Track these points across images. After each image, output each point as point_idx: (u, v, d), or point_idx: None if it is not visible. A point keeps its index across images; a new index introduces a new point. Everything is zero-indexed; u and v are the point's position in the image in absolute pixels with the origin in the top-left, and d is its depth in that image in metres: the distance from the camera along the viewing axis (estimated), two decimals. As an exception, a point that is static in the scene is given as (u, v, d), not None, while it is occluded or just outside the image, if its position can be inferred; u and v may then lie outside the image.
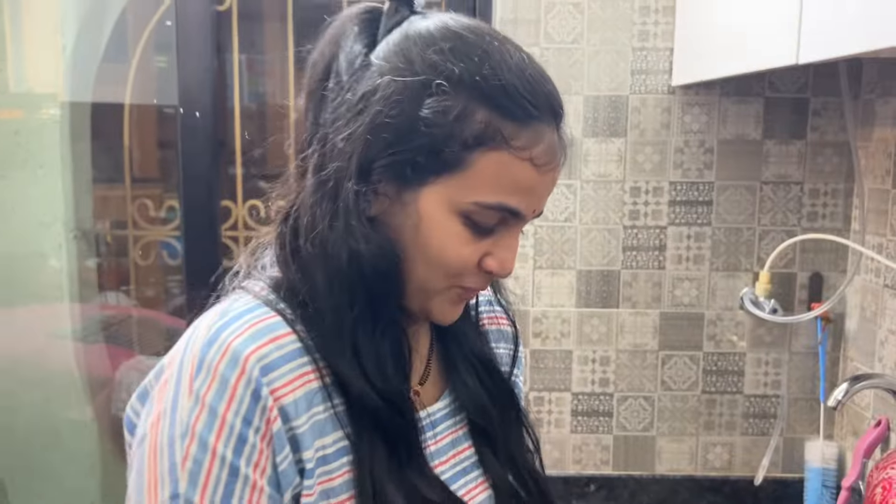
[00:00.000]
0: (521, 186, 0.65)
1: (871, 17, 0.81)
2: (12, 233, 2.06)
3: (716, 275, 1.53)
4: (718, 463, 1.58)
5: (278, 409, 0.61)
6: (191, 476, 0.59)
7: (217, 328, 0.62)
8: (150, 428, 0.61)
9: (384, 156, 0.64)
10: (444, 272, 0.66)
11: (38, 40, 2.16)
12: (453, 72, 0.63)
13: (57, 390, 2.14)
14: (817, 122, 1.49)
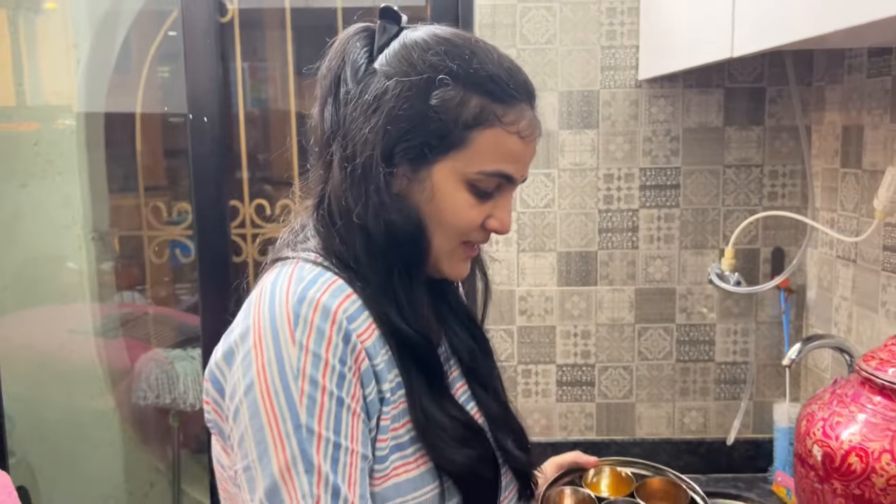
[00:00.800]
0: (513, 155, 0.80)
1: (788, 15, 0.94)
2: (35, 237, 2.19)
3: (685, 252, 1.66)
4: (694, 426, 1.71)
5: (364, 351, 0.75)
6: (308, 409, 0.71)
7: (302, 289, 0.74)
8: (257, 376, 0.72)
9: (402, 142, 0.79)
10: (456, 233, 0.82)
11: (52, 56, 2.29)
12: (451, 69, 0.79)
13: (80, 382, 2.28)
14: (773, 109, 1.62)
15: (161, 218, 2.25)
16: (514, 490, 0.91)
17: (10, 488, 1.54)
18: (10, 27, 2.31)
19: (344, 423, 0.72)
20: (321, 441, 0.70)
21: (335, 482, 0.70)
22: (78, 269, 2.27)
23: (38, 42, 2.33)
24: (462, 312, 0.95)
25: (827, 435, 0.92)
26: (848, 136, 1.47)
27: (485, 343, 0.96)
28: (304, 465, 0.69)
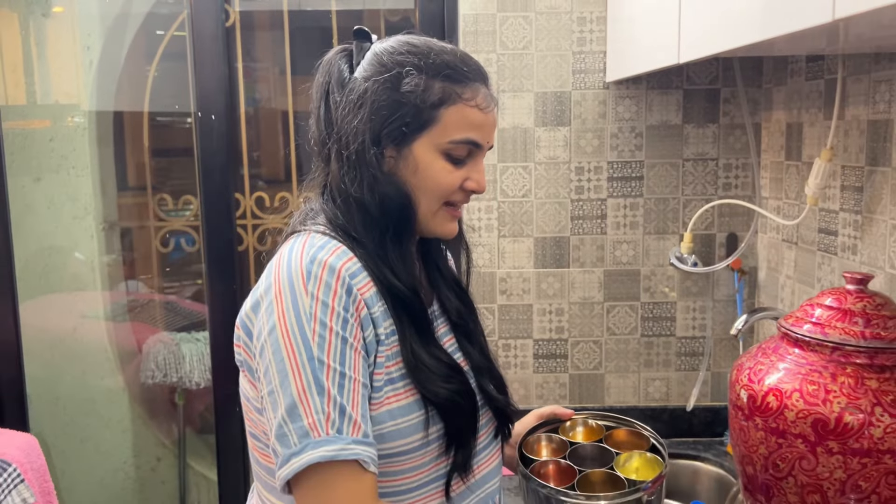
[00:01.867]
0: (475, 124, 0.98)
1: (718, 29, 1.12)
2: (50, 228, 2.34)
3: (648, 237, 1.84)
4: (657, 395, 1.89)
5: (363, 301, 0.92)
6: (319, 345, 0.88)
7: (313, 252, 0.92)
8: (278, 321, 0.89)
9: (385, 127, 0.96)
10: (438, 196, 0.99)
11: (61, 57, 2.43)
12: (414, 62, 0.97)
13: (92, 363, 2.43)
14: (727, 108, 1.80)
15: (167, 209, 2.41)
16: (492, 427, 1.08)
17: (38, 450, 1.70)
18: (22, 30, 2.45)
19: (348, 357, 0.89)
20: (330, 370, 0.87)
21: (341, 402, 0.87)
22: (89, 258, 2.42)
23: (48, 44, 2.47)
24: (451, 279, 1.12)
25: (751, 380, 1.10)
26: (791, 132, 1.66)
27: (470, 305, 1.13)
28: (316, 389, 0.86)
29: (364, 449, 0.87)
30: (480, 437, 1.05)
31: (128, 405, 2.46)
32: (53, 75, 2.47)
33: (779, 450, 1.04)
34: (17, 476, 1.57)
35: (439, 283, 1.11)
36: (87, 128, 2.38)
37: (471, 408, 1.00)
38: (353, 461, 0.86)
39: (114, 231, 2.46)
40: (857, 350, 1.03)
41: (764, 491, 1.09)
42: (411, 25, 2.24)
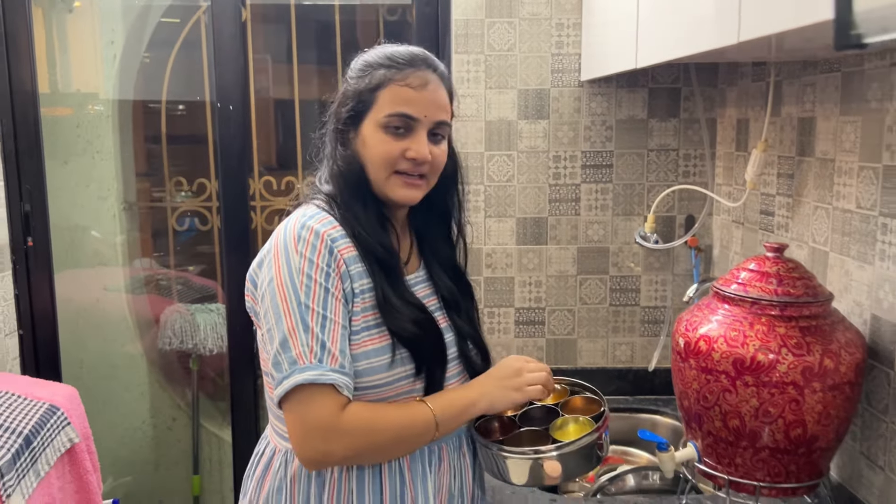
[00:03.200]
0: (407, 100, 1.17)
1: (666, 42, 1.36)
2: (76, 207, 2.56)
3: (616, 218, 2.08)
4: (623, 357, 2.14)
5: (343, 260, 1.14)
6: (306, 293, 1.10)
7: (304, 221, 1.15)
8: (276, 274, 1.12)
9: (346, 115, 1.19)
10: (382, 164, 1.17)
11: (81, 49, 2.64)
12: (369, 61, 1.20)
13: (113, 332, 2.65)
14: (687, 105, 2.04)
15: (183, 190, 2.63)
16: (463, 379, 1.26)
17: (78, 399, 1.93)
18: (46, 24, 2.65)
19: (329, 304, 1.11)
20: (314, 314, 1.10)
21: (322, 339, 1.09)
22: (111, 235, 2.64)
23: (69, 37, 2.67)
24: (447, 263, 1.32)
25: (687, 330, 1.34)
26: (740, 126, 1.90)
27: (466, 287, 1.33)
28: (303, 327, 1.09)
29: (339, 376, 1.09)
30: (449, 384, 1.23)
31: (146, 370, 2.69)
32: (74, 66, 2.67)
33: (707, 385, 1.29)
34: (64, 419, 1.80)
35: (431, 261, 1.30)
36: (110, 115, 2.60)
37: (437, 344, 1.20)
38: (329, 385, 1.08)
39: (132, 211, 2.68)
40: (771, 304, 1.27)
41: (697, 419, 1.33)
42: (408, 23, 2.47)
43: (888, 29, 0.51)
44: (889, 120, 1.28)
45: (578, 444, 1.16)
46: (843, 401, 1.25)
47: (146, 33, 2.62)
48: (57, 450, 1.74)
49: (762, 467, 1.28)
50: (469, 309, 1.32)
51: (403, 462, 1.21)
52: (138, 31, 2.62)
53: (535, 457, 1.16)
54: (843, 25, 0.53)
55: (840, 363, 1.23)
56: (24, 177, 2.18)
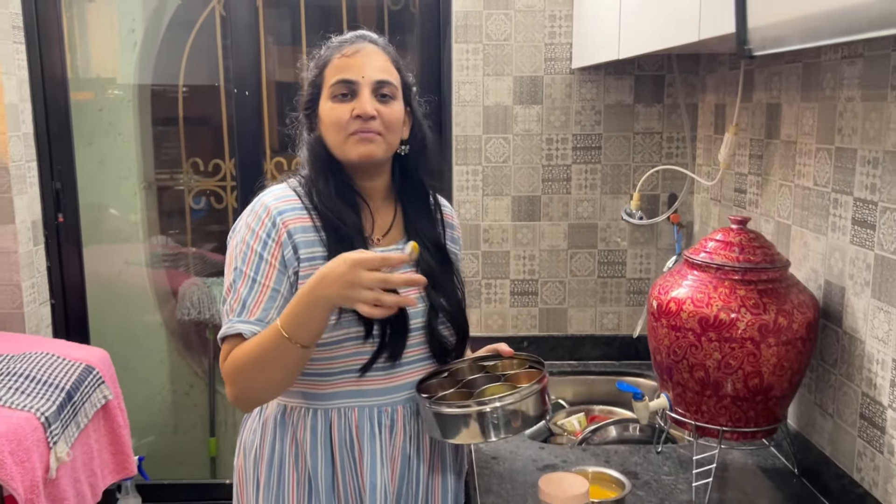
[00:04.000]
0: (343, 67, 1.32)
1: (641, 36, 1.52)
2: (100, 186, 2.72)
3: (604, 196, 2.25)
4: (610, 325, 2.31)
5: (287, 230, 1.28)
6: (242, 259, 1.27)
7: (261, 196, 1.33)
8: (231, 241, 1.31)
9: (308, 98, 1.36)
10: (336, 128, 1.31)
11: (99, 36, 2.77)
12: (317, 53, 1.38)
13: (134, 303, 2.82)
14: (670, 91, 2.20)
15: (199, 170, 2.79)
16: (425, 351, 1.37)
17: (109, 361, 2.11)
18: (67, 12, 2.80)
19: (261, 269, 1.26)
20: (245, 277, 1.27)
21: (244, 298, 1.25)
22: (132, 213, 2.80)
23: (89, 24, 2.82)
24: (431, 241, 1.40)
25: (660, 293, 1.51)
26: (717, 111, 2.06)
27: (447, 263, 1.41)
28: (233, 288, 1.27)
29: (245, 326, 1.23)
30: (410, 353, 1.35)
31: (165, 339, 2.87)
32: (93, 52, 2.82)
33: (676, 341, 1.46)
34: (99, 378, 1.98)
35: (413, 237, 1.38)
36: (131, 100, 2.75)
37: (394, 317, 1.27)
38: (236, 335, 1.24)
39: (151, 190, 2.84)
40: (733, 269, 1.44)
41: (668, 372, 1.51)
42: (411, 13, 2.62)
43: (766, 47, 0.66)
44: (840, 106, 1.44)
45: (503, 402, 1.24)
46: (796, 354, 1.42)
47: (164, 22, 2.77)
48: (94, 405, 1.92)
49: (725, 413, 1.45)
50: (447, 284, 1.40)
51: (351, 417, 1.33)
52: (157, 20, 2.76)
53: (460, 412, 1.24)
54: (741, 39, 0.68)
55: (793, 321, 1.40)
56: (55, 157, 2.35)
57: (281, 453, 1.35)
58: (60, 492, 1.71)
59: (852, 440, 1.41)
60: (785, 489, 1.54)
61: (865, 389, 1.37)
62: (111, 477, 1.99)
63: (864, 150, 1.36)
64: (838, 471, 1.44)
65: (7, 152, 2.15)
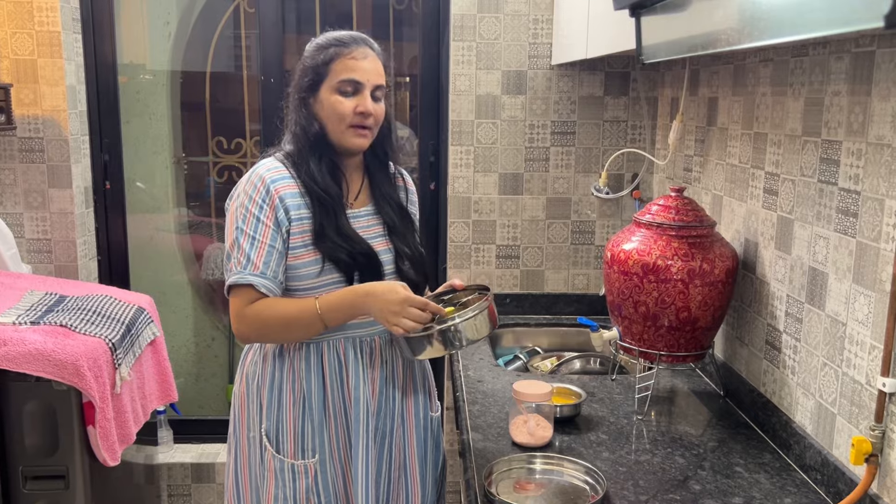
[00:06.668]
0: (352, 68, 1.57)
1: (613, 35, 1.89)
2: (136, 161, 3.07)
3: (577, 175, 2.63)
4: (580, 285, 2.69)
5: (278, 196, 1.54)
6: (242, 220, 1.53)
7: (256, 168, 1.58)
8: (230, 207, 1.57)
9: (306, 85, 1.58)
10: (339, 119, 1.56)
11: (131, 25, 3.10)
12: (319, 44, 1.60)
13: (163, 264, 3.18)
14: (634, 86, 2.59)
15: (223, 148, 3.14)
16: None
17: (154, 306, 2.48)
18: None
19: (259, 229, 1.53)
20: (245, 236, 1.55)
21: (248, 253, 1.54)
22: (163, 185, 3.15)
23: (122, 14, 3.15)
24: (392, 201, 1.70)
25: (614, 246, 1.89)
26: (673, 103, 2.44)
27: (407, 218, 1.72)
28: (236, 245, 1.56)
29: (256, 279, 1.51)
30: None
31: (191, 297, 3.23)
32: (125, 40, 3.14)
33: (624, 283, 1.84)
34: (149, 317, 2.34)
35: (378, 198, 1.69)
36: (164, 84, 3.11)
37: (369, 264, 1.59)
38: (248, 285, 1.52)
39: (180, 165, 3.20)
40: (670, 227, 1.82)
41: (618, 309, 1.89)
42: (413, 13, 2.99)
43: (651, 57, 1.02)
44: (757, 100, 1.83)
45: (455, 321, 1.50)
46: (717, 294, 1.80)
47: (194, 15, 3.12)
48: (145, 339, 2.29)
49: (662, 341, 1.84)
50: (408, 234, 1.71)
51: (339, 348, 1.62)
52: (188, 14, 3.11)
53: (424, 333, 1.51)
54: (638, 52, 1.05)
55: (715, 267, 1.78)
56: (104, 132, 2.71)
57: (280, 380, 1.63)
58: (122, 405, 2.08)
59: (759, 362, 1.81)
60: (711, 405, 1.93)
61: (769, 321, 1.76)
62: (157, 401, 2.36)
63: (772, 134, 1.75)
64: (750, 388, 1.83)
65: (67, 127, 2.51)
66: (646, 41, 1.04)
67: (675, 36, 0.95)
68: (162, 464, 2.79)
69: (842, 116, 1.44)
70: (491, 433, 1.73)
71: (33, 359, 1.87)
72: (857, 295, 1.39)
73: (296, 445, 1.63)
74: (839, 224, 1.45)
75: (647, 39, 1.04)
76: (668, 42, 0.99)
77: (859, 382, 1.39)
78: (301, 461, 1.63)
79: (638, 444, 1.69)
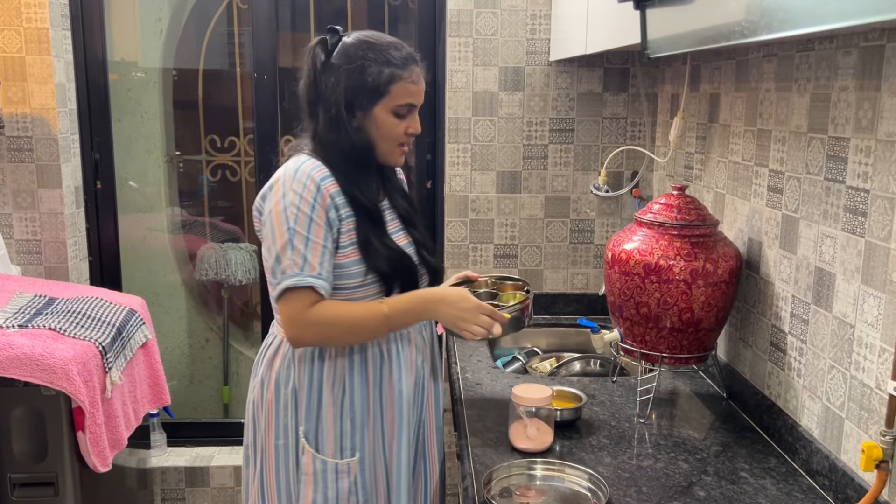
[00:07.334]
0: (411, 92, 1.56)
1: (614, 29, 1.85)
2: (128, 160, 3.02)
3: (576, 173, 2.59)
4: (580, 285, 2.66)
5: (329, 195, 1.54)
6: (294, 220, 1.49)
7: (300, 166, 1.51)
8: (274, 206, 1.49)
9: (355, 99, 1.53)
10: (393, 140, 1.58)
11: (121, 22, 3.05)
12: (371, 56, 1.54)
13: (156, 265, 3.14)
14: (634, 82, 2.55)
15: (216, 146, 3.10)
16: (426, 279, 1.73)
17: (146, 308, 2.43)
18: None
19: (312, 229, 1.49)
20: (299, 236, 1.51)
21: (304, 254, 1.51)
22: (156, 184, 3.11)
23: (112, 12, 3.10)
24: (399, 189, 1.73)
25: (615, 245, 1.85)
26: (673, 100, 2.41)
27: (413, 203, 1.73)
28: (290, 246, 1.51)
29: (315, 280, 1.48)
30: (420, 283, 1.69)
31: (184, 297, 3.19)
32: (116, 37, 3.09)
33: (625, 283, 1.80)
34: (140, 319, 2.30)
35: (391, 191, 1.70)
36: (156, 81, 3.06)
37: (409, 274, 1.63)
38: (308, 287, 1.49)
39: (173, 164, 3.15)
40: (672, 226, 1.78)
41: (619, 310, 1.85)
42: (409, 9, 2.95)
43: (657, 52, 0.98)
44: (761, 96, 1.79)
45: (515, 307, 1.73)
46: (721, 294, 1.77)
47: (186, 12, 3.08)
48: (137, 342, 2.25)
49: (664, 342, 1.80)
50: (419, 222, 1.74)
51: (381, 342, 1.62)
52: (180, 11, 3.07)
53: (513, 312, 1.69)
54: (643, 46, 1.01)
55: (718, 267, 1.74)
56: (95, 131, 2.66)
57: (319, 381, 1.61)
58: (113, 410, 2.04)
59: (764, 364, 1.77)
60: (714, 408, 1.89)
61: (774, 322, 1.72)
62: (149, 404, 2.32)
63: (776, 131, 1.71)
64: (755, 390, 1.79)
65: (56, 126, 2.46)
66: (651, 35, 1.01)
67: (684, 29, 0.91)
68: (155, 468, 2.75)
69: (850, 112, 1.40)
70: (490, 438, 1.69)
71: (21, 363, 1.83)
72: (866, 296, 1.36)
73: (336, 445, 1.62)
74: (847, 223, 1.41)
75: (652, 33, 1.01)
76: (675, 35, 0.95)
77: (868, 386, 1.35)
78: (343, 460, 1.62)
79: (640, 449, 1.65)
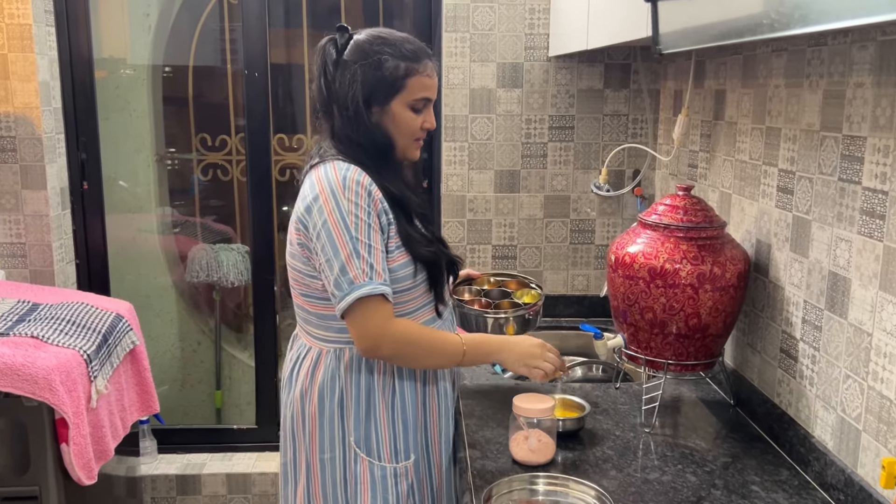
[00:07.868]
0: (427, 86, 1.56)
1: (617, 24, 1.78)
2: (116, 159, 2.94)
3: (576, 171, 2.52)
4: (580, 286, 2.59)
5: (379, 200, 1.52)
6: (355, 228, 1.48)
7: (345, 172, 1.51)
8: (328, 216, 1.46)
9: (372, 94, 1.54)
10: (410, 135, 1.59)
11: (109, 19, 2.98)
12: (386, 51, 1.56)
13: (146, 266, 3.06)
14: (636, 78, 2.48)
15: (207, 145, 3.02)
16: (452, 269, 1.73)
17: (133, 313, 2.36)
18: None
19: (371, 235, 1.50)
20: (362, 244, 1.49)
21: (371, 262, 1.49)
22: (145, 184, 3.03)
23: (100, 8, 3.03)
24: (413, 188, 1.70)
25: (618, 248, 1.79)
26: (676, 96, 2.34)
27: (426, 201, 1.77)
28: (356, 255, 1.48)
29: (385, 288, 1.49)
30: None
31: (175, 300, 3.12)
32: (103, 34, 3.02)
33: (630, 288, 1.74)
34: (128, 325, 2.23)
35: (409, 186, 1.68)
36: (145, 79, 2.98)
37: (448, 260, 1.65)
38: (380, 295, 1.48)
39: (163, 163, 3.07)
40: (678, 228, 1.72)
41: (623, 315, 1.79)
42: (403, 2, 2.87)
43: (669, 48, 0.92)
44: (770, 92, 1.72)
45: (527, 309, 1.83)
46: (729, 299, 1.70)
47: (175, 7, 3.00)
48: (124, 349, 2.18)
49: (670, 349, 1.74)
50: (432, 217, 1.78)
51: None
52: (169, 6, 2.99)
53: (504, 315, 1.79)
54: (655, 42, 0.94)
55: (726, 271, 1.68)
56: (81, 130, 2.59)
57: (368, 387, 1.59)
58: (99, 420, 1.97)
59: (774, 371, 1.70)
60: (721, 415, 1.83)
61: (784, 327, 1.66)
62: (137, 413, 2.25)
63: (786, 129, 1.64)
64: (764, 398, 1.73)
65: (40, 125, 2.39)
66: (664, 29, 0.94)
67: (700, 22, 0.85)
68: (145, 476, 2.68)
69: (866, 110, 1.34)
70: (490, 450, 1.62)
71: (1, 373, 1.75)
72: (884, 303, 1.29)
73: (391, 449, 1.62)
74: (863, 226, 1.35)
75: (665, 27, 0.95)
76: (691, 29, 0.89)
77: (888, 398, 1.28)
78: (401, 464, 1.63)
79: (646, 461, 1.59)
